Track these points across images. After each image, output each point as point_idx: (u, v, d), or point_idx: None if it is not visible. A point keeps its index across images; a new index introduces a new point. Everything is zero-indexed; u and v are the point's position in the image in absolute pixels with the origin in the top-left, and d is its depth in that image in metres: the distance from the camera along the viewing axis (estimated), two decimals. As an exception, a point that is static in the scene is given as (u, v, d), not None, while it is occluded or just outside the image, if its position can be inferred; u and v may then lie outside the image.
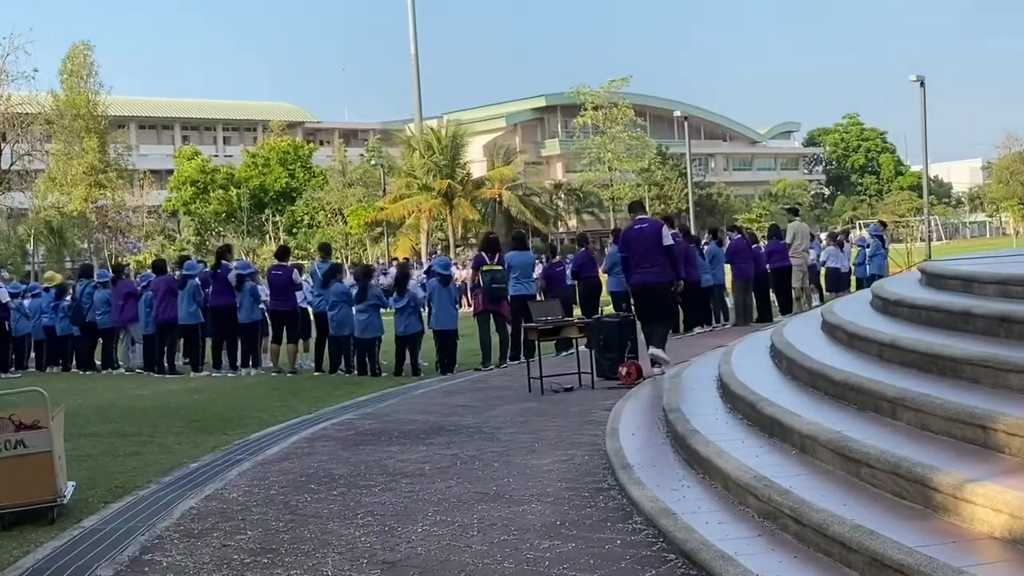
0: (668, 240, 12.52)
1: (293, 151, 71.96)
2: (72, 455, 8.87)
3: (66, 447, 7.97)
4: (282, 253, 18.23)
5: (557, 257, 20.63)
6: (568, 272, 19.22)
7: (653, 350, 12.40)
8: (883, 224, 27.82)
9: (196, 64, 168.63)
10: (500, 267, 15.99)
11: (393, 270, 23.78)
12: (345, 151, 75.97)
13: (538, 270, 32.02)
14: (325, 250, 18.72)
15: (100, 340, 20.24)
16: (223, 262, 17.70)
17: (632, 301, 12.77)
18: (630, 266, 12.54)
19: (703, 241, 21.52)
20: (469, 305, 20.82)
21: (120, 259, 49.80)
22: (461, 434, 9.94)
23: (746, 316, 19.97)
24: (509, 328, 16.39)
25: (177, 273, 18.59)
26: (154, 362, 18.33)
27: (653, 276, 12.38)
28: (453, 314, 16.38)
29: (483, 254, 16.24)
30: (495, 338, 16.28)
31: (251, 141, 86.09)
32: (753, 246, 20.81)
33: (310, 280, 18.32)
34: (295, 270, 17.97)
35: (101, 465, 9.30)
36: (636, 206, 13.38)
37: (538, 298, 17.40)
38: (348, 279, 18.46)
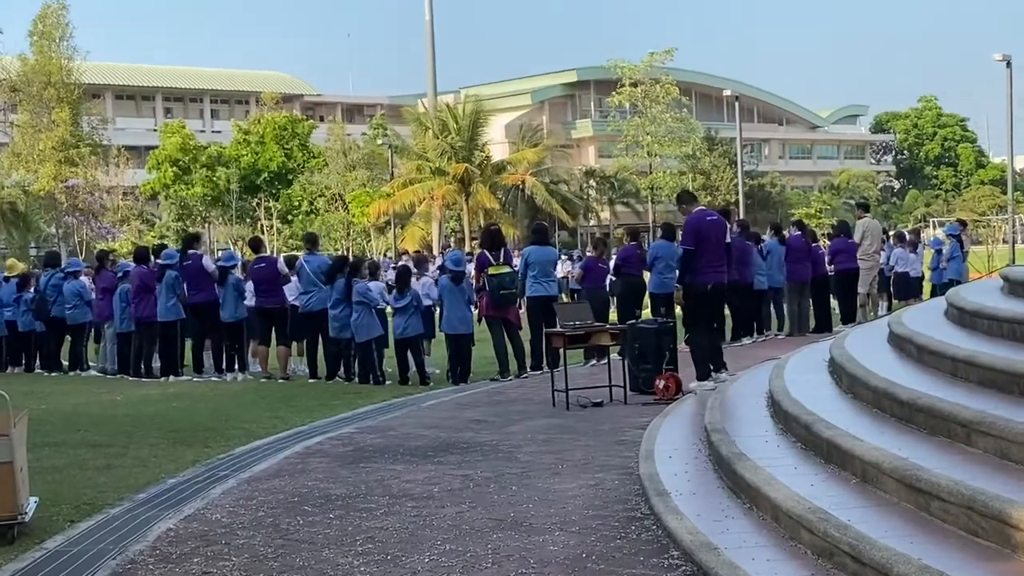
0: (728, 237, 12.73)
1: (290, 127, 72.12)
2: (35, 467, 8.91)
3: (28, 458, 8.03)
4: (257, 244, 18.45)
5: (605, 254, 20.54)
6: (611, 266, 19.26)
7: (720, 374, 12.44)
8: (961, 223, 27.68)
9: (181, 28, 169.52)
10: (508, 268, 15.99)
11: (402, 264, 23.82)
12: (346, 129, 76.13)
13: (567, 267, 32.23)
14: (312, 241, 18.72)
15: (69, 337, 20.37)
16: (191, 252, 17.76)
17: (694, 304, 12.59)
18: (697, 263, 12.39)
19: (762, 237, 21.45)
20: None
21: (93, 246, 50.11)
22: (475, 452, 9.97)
23: (802, 325, 19.94)
24: (520, 335, 16.41)
25: (154, 263, 18.70)
26: (129, 364, 18.45)
27: (727, 276, 12.51)
28: (467, 316, 16.42)
29: (486, 253, 16.26)
30: (511, 345, 16.34)
31: (242, 115, 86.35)
32: (813, 245, 20.76)
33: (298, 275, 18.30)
34: (280, 258, 18.01)
35: (68, 479, 9.36)
36: (689, 196, 13.34)
37: (563, 299, 17.41)
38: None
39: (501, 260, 16.00)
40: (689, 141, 78.94)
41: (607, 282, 19.33)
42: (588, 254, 21.63)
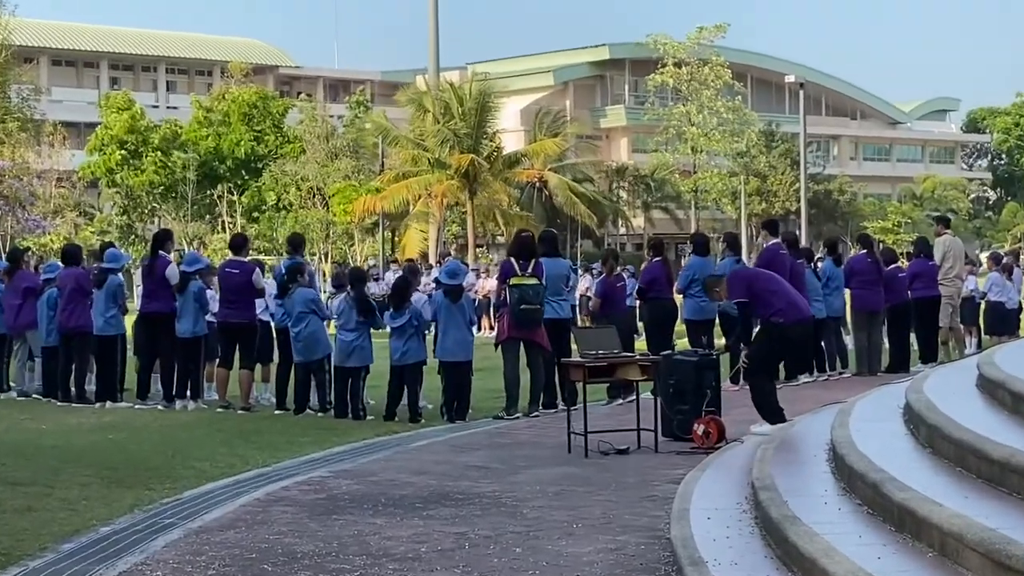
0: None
1: (261, 105, 72.25)
2: (-59, 507, 8.92)
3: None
4: (240, 243, 18.23)
5: (617, 269, 20.53)
6: (632, 289, 19.17)
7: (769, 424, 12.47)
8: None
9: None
10: (535, 280, 15.93)
11: (390, 275, 23.88)
12: (329, 110, 76.28)
13: (585, 284, 32.13)
14: (295, 244, 18.73)
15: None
16: (161, 253, 17.78)
17: (780, 345, 12.82)
18: (784, 297, 12.76)
19: (817, 256, 21.45)
20: (492, 328, 20.83)
21: (19, 242, 50.17)
22: (472, 505, 9.97)
23: (871, 362, 19.90)
24: (545, 363, 16.37)
25: (94, 265, 18.67)
26: (57, 385, 18.45)
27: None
28: (466, 340, 16.36)
29: (513, 261, 16.26)
30: (526, 376, 16.32)
31: (204, 89, 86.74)
32: (891, 267, 20.67)
33: (273, 283, 18.34)
34: (257, 269, 18.00)
35: (-22, 523, 9.37)
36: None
37: (585, 323, 17.40)
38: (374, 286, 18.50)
39: (530, 271, 15.95)
40: (743, 135, 78.98)
41: (632, 302, 19.28)
42: (596, 274, 21.46)
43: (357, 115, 71.40)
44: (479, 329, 23.43)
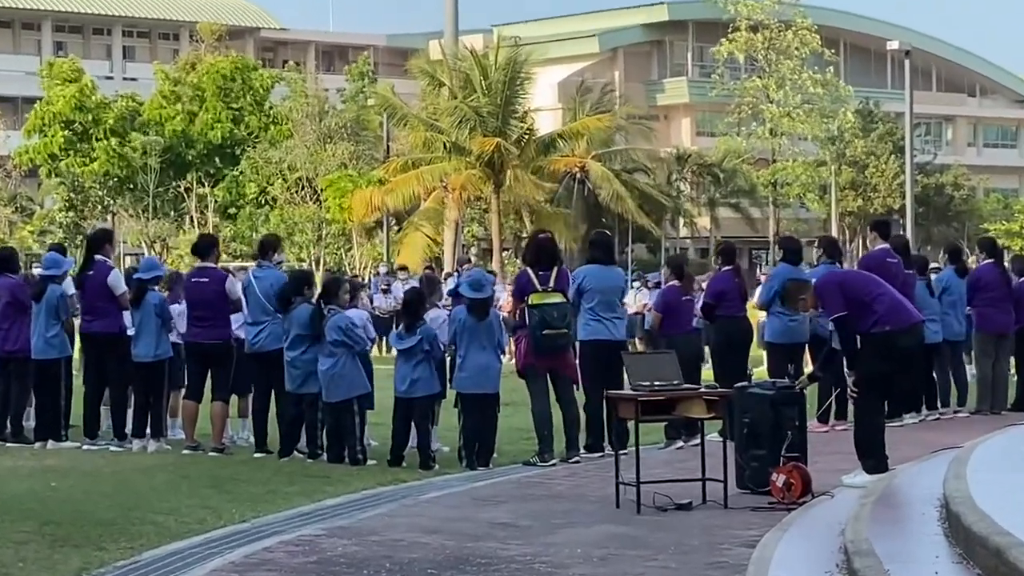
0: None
1: (239, 77, 72.37)
2: None
3: None
4: (206, 246, 18.25)
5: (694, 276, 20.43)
6: (697, 305, 19.12)
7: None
8: None
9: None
10: (560, 296, 15.92)
11: (399, 285, 23.86)
12: (323, 83, 76.37)
13: (641, 300, 31.96)
14: (268, 247, 18.63)
15: None
16: (98, 258, 17.81)
17: (889, 360, 12.81)
18: (885, 300, 12.82)
19: (932, 265, 21.30)
20: (509, 354, 20.82)
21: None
22: (498, 573, 9.89)
23: (996, 398, 19.82)
24: (576, 397, 16.36)
25: (33, 273, 18.74)
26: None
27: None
28: (491, 367, 16.33)
29: (530, 272, 16.28)
30: (557, 411, 16.27)
31: (169, 57, 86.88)
32: (1021, 280, 20.57)
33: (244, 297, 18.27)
34: (231, 277, 18.02)
35: None
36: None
37: (637, 347, 17.38)
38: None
39: (551, 285, 15.98)
40: (835, 116, 78.75)
41: (699, 323, 19.24)
42: (663, 281, 21.35)
43: (362, 89, 71.52)
44: (506, 354, 23.40)
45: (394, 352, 17.22)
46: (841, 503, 11.25)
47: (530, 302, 15.85)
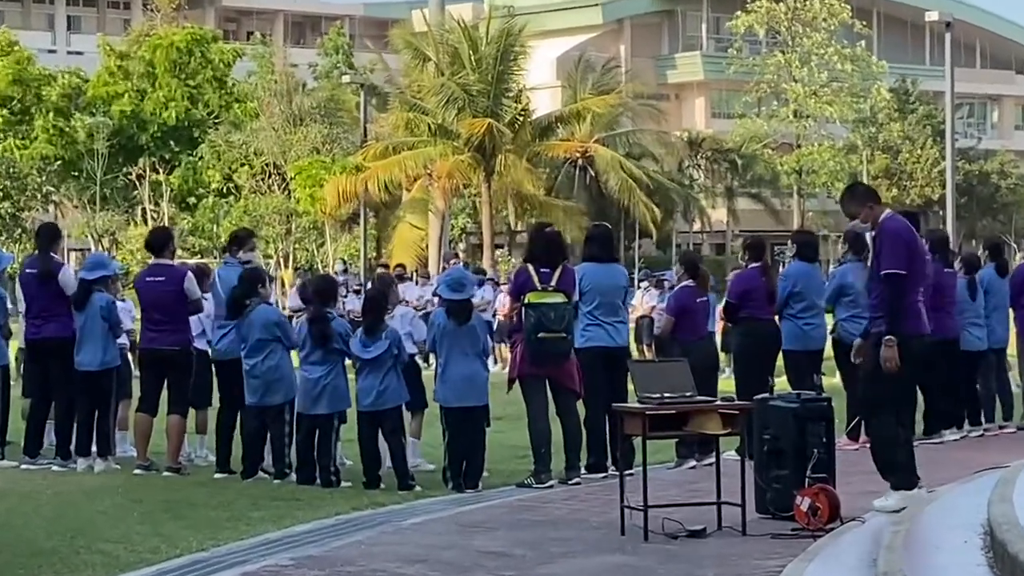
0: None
1: (197, 51, 72.28)
2: None
3: None
4: (160, 241, 18.30)
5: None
6: (714, 306, 19.13)
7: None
8: None
9: None
10: (562, 296, 15.95)
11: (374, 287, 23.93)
12: (292, 57, 76.29)
13: (649, 301, 32.06)
14: (238, 241, 18.73)
15: None
16: (49, 255, 17.86)
17: (904, 369, 12.81)
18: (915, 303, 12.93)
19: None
20: (502, 362, 20.88)
21: None
22: (489, 607, 9.96)
23: (1045, 412, 19.87)
24: (577, 409, 16.40)
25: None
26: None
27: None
28: (477, 377, 16.36)
29: (530, 268, 16.25)
30: (557, 425, 16.20)
31: (118, 28, 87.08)
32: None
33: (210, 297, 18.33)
34: (190, 274, 18.08)
35: None
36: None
37: (645, 354, 17.43)
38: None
39: (554, 284, 15.95)
40: (867, 96, 78.87)
41: (714, 326, 19.25)
42: (676, 280, 21.44)
43: (336, 64, 71.44)
44: (496, 362, 23.46)
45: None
46: (873, 529, 11.30)
47: (528, 300, 15.80)
